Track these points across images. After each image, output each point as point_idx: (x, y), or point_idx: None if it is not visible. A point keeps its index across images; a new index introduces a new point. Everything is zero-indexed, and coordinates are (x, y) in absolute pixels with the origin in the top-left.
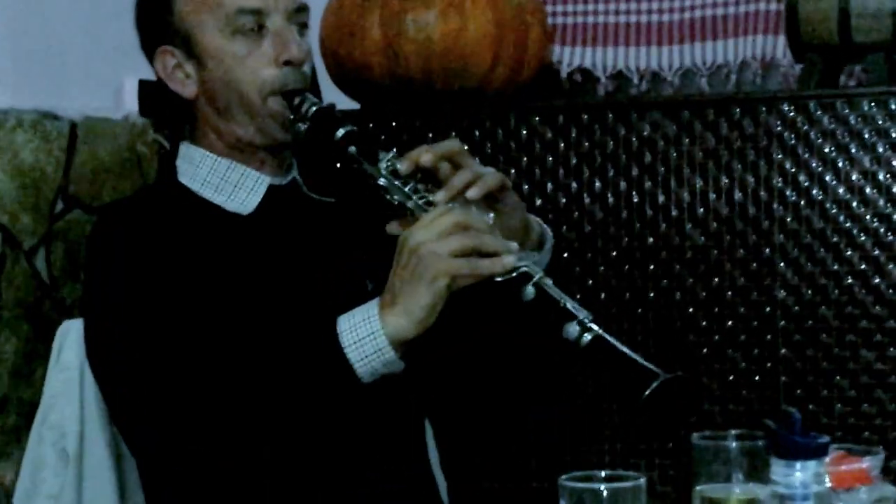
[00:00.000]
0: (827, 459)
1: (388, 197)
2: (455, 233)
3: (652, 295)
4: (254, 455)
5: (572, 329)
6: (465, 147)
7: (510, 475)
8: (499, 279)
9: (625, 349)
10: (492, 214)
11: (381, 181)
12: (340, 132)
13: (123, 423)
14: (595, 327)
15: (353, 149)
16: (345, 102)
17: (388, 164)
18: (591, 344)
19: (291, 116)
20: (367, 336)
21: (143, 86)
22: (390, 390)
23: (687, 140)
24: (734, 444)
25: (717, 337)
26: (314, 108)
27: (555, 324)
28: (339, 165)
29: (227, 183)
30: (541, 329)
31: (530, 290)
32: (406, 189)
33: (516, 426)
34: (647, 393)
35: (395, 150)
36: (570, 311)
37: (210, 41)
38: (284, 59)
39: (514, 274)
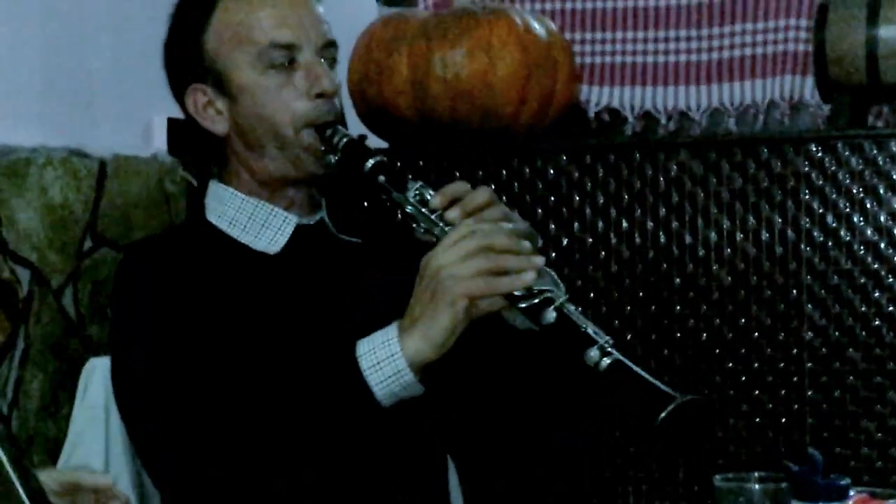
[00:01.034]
0: (850, 502)
1: (415, 226)
2: (477, 255)
3: (678, 335)
4: (276, 485)
5: (593, 353)
6: (494, 195)
7: None
8: (522, 305)
9: (643, 373)
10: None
11: (409, 209)
12: (370, 162)
13: (147, 457)
14: (615, 352)
15: (382, 178)
16: (373, 141)
17: (417, 193)
18: (610, 368)
19: (323, 149)
20: (386, 359)
21: (172, 124)
22: (411, 419)
23: (714, 180)
24: (757, 486)
25: (743, 378)
26: (345, 140)
27: (575, 348)
28: (368, 196)
29: (255, 222)
30: (561, 354)
31: (551, 314)
32: (433, 217)
33: (539, 455)
34: (663, 415)
35: (423, 182)
36: (591, 335)
37: (242, 77)
38: (317, 91)
39: (536, 299)
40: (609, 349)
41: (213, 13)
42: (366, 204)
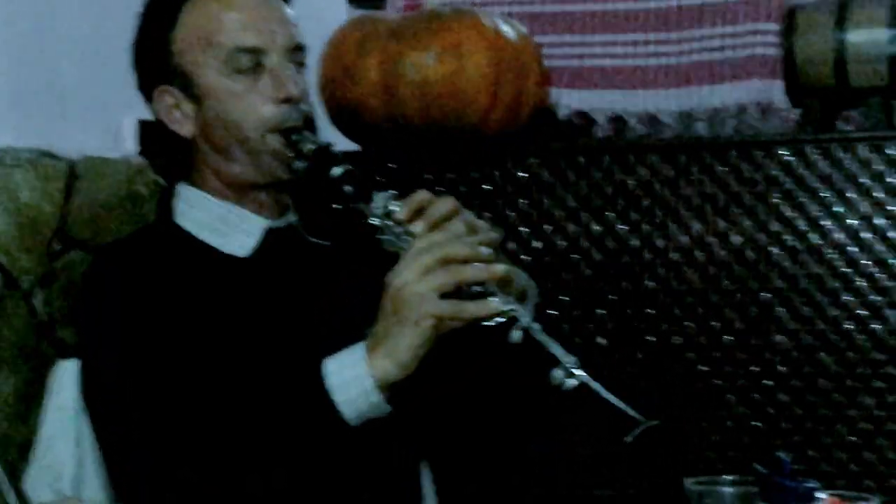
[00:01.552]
0: None
1: (380, 238)
2: (436, 270)
3: (650, 339)
4: (247, 497)
5: (557, 374)
6: (458, 205)
7: None
8: (486, 323)
9: (609, 396)
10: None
11: (374, 220)
12: (337, 171)
13: (112, 462)
14: (580, 373)
15: (348, 188)
16: (343, 143)
17: (383, 205)
18: (575, 389)
19: (290, 154)
20: (353, 379)
21: (143, 126)
22: (383, 434)
23: (684, 183)
24: (728, 490)
25: (715, 381)
26: (312, 146)
27: (540, 367)
28: (334, 204)
29: (224, 225)
30: (527, 371)
31: (517, 333)
32: (398, 230)
33: (512, 462)
34: (628, 439)
35: (391, 192)
36: (556, 356)
37: (208, 80)
38: (283, 96)
39: (502, 318)
40: (573, 370)
41: (180, 15)
42: (334, 207)
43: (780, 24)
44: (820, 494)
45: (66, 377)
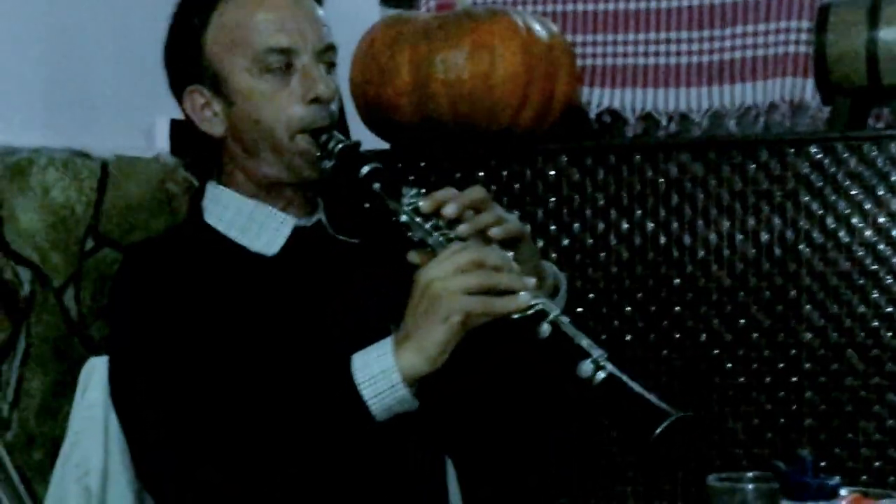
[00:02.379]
0: (843, 502)
1: (409, 234)
2: (470, 270)
3: (677, 336)
4: (271, 493)
5: (586, 367)
6: (489, 194)
7: None
8: (515, 316)
9: (637, 388)
10: (511, 253)
11: (403, 218)
12: (365, 169)
13: (140, 458)
14: (609, 366)
15: (377, 185)
16: (374, 142)
17: (411, 201)
18: (604, 383)
19: (318, 154)
20: (380, 373)
21: (175, 125)
22: (409, 429)
23: (714, 182)
24: (750, 486)
25: (742, 379)
26: (340, 146)
27: (569, 361)
28: (362, 202)
29: (253, 223)
30: (556, 366)
31: (546, 327)
32: (427, 226)
33: (535, 460)
34: (657, 432)
35: (418, 189)
36: (585, 349)
37: (239, 80)
38: (312, 96)
39: (530, 312)
40: (603, 363)
41: (211, 15)
42: (363, 206)
43: (811, 21)
44: (842, 491)
45: (95, 374)
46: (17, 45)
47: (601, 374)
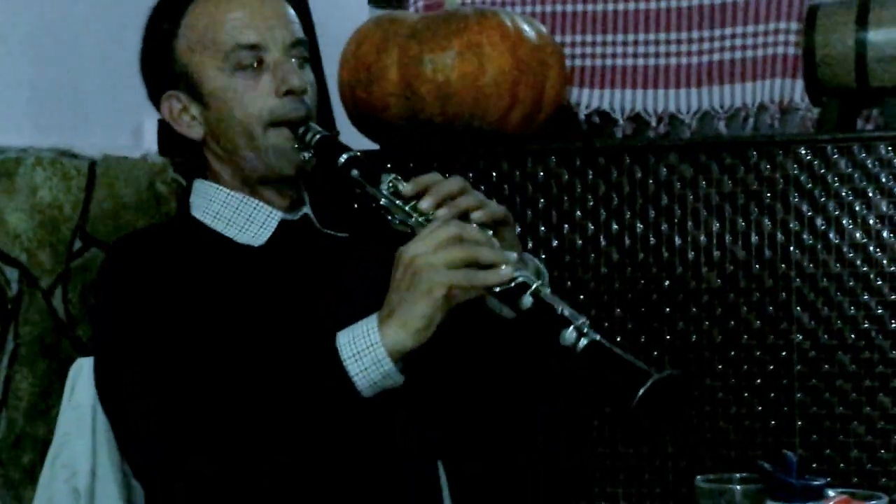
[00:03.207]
0: (830, 503)
1: (390, 218)
2: (451, 244)
3: (668, 337)
4: (262, 480)
5: (569, 335)
6: (467, 184)
7: None
8: (497, 289)
9: (621, 352)
10: (490, 232)
11: (383, 202)
12: (343, 157)
13: (130, 450)
14: (592, 332)
15: (355, 172)
16: (363, 143)
17: (390, 185)
18: (586, 349)
19: (296, 146)
20: (365, 348)
21: (163, 125)
22: (396, 406)
23: (704, 183)
24: (738, 487)
25: (732, 380)
26: (318, 136)
27: (552, 332)
28: (343, 190)
29: (240, 216)
30: (539, 338)
31: (528, 299)
32: (406, 208)
33: (522, 436)
34: (641, 392)
35: (396, 175)
36: (567, 317)
37: (211, 80)
38: (285, 89)
39: (512, 284)
40: (585, 329)
41: (181, 20)
42: (347, 199)
43: (800, 23)
44: (830, 492)
45: (83, 375)
46: (4, 45)
47: (584, 341)
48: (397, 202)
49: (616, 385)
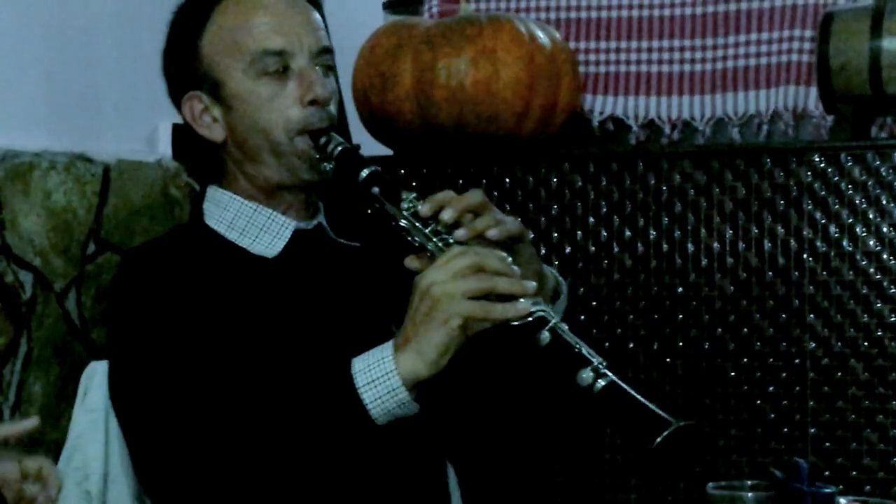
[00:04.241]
0: None
1: (409, 238)
2: (469, 274)
3: (680, 344)
4: (272, 497)
5: (586, 375)
6: (486, 198)
7: None
8: (515, 323)
9: (638, 396)
10: (510, 257)
11: (402, 222)
12: (364, 172)
13: (140, 462)
14: (609, 374)
15: (376, 189)
16: (377, 149)
17: (410, 205)
18: (604, 390)
19: (317, 156)
20: (380, 377)
21: (177, 130)
22: (410, 435)
23: (717, 190)
24: (749, 495)
25: (745, 387)
26: (339, 148)
27: (569, 369)
28: (362, 205)
29: (253, 226)
30: (555, 374)
31: (545, 335)
32: (426, 231)
33: (536, 467)
34: (658, 440)
35: (417, 193)
36: (585, 356)
37: (236, 84)
38: (309, 98)
39: (530, 318)
40: (603, 370)
41: (208, 21)
42: (363, 209)
43: (815, 30)
44: (842, 500)
45: (96, 378)
46: (19, 49)
47: (601, 382)
48: (416, 224)
49: (632, 429)
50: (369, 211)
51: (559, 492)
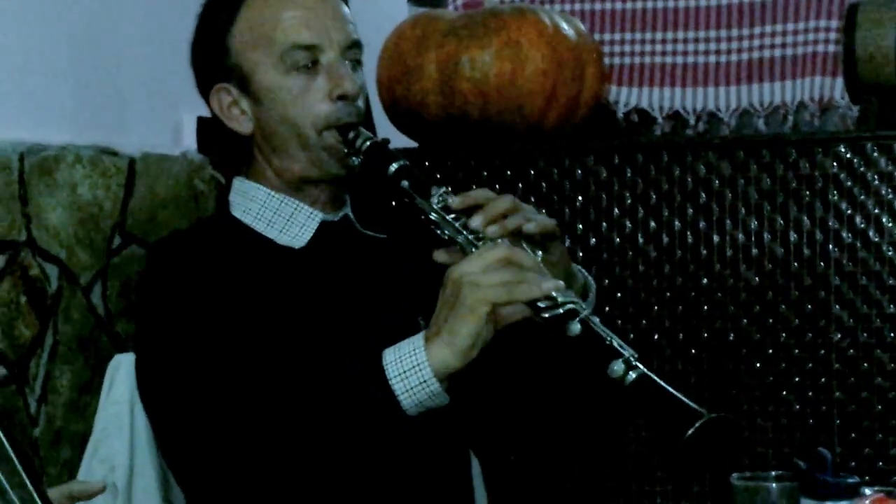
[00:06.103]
0: (867, 502)
1: (438, 232)
2: (500, 266)
3: (706, 336)
4: (301, 486)
5: (617, 367)
6: (518, 202)
7: None
8: (546, 315)
9: (669, 388)
10: (540, 253)
11: (433, 216)
12: (394, 167)
13: (171, 453)
14: (640, 366)
15: (405, 183)
16: (402, 141)
17: (440, 199)
18: (635, 382)
19: (346, 150)
20: (412, 368)
21: (202, 123)
22: (435, 427)
23: (742, 181)
24: (773, 485)
25: (770, 378)
26: (368, 143)
27: (600, 361)
28: (391, 199)
29: (280, 217)
30: (585, 366)
31: (576, 326)
32: (457, 224)
33: (562, 460)
34: (690, 432)
35: (447, 187)
36: (616, 348)
37: (265, 78)
38: (338, 93)
39: (561, 310)
40: (634, 363)
41: (238, 13)
42: (390, 202)
43: (840, 21)
44: (866, 490)
45: (121, 371)
46: (45, 43)
47: (633, 374)
48: (447, 217)
49: (663, 421)
50: (397, 204)
51: (582, 484)
